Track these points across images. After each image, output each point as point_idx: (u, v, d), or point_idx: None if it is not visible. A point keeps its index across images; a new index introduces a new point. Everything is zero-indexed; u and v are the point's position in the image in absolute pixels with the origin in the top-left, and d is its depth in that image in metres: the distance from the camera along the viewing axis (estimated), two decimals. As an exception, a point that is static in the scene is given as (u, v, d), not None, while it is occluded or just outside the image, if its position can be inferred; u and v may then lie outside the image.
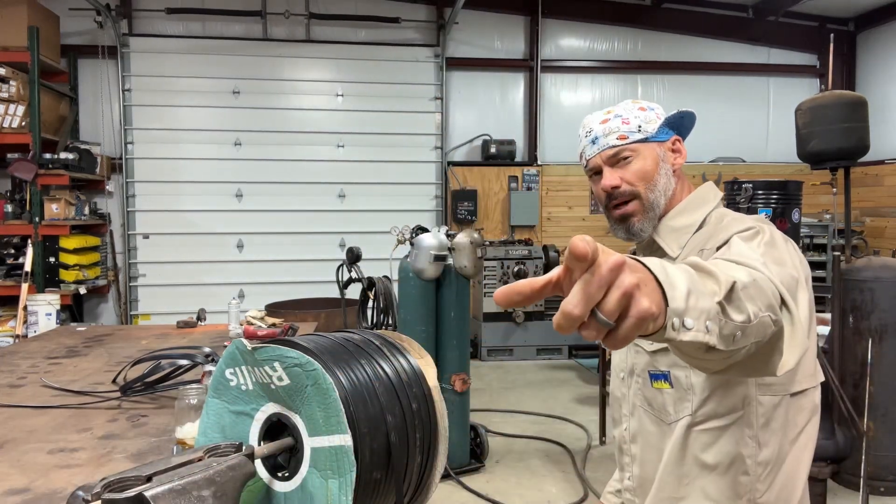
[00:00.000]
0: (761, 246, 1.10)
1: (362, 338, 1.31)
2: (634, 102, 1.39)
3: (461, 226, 7.21)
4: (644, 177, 1.33)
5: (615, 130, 1.34)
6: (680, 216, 1.36)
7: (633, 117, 1.35)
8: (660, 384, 1.31)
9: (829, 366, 3.40)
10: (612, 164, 1.35)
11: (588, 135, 1.38)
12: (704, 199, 1.37)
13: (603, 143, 1.35)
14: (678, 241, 1.34)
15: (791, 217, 3.35)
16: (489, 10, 7.64)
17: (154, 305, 7.04)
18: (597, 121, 1.37)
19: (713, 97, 8.11)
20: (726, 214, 1.32)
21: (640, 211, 1.34)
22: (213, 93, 7.04)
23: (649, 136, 1.34)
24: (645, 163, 1.33)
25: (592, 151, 1.36)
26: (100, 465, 1.48)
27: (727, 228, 1.24)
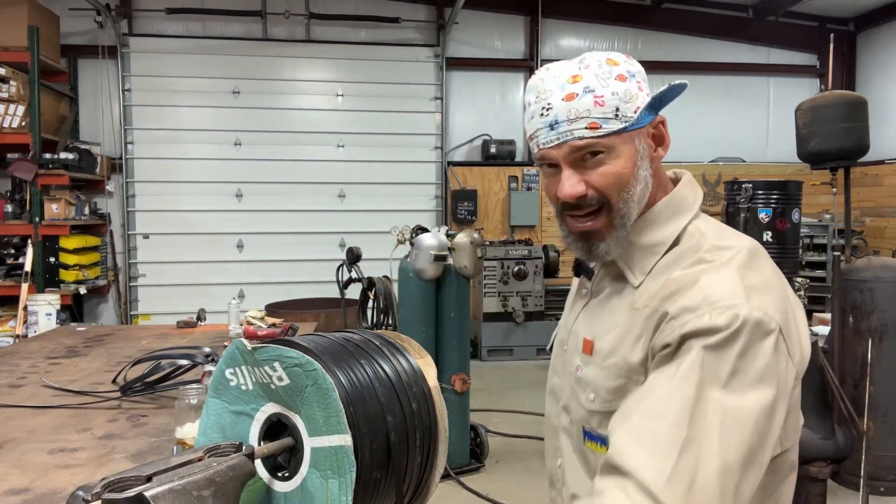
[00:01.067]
0: (710, 412, 0.83)
1: (362, 338, 1.31)
2: (610, 63, 0.99)
3: (461, 226, 7.20)
4: (618, 183, 0.99)
5: (584, 115, 0.96)
6: (649, 230, 1.04)
7: (611, 94, 0.96)
8: (595, 447, 1.04)
9: (829, 366, 3.40)
10: (575, 161, 0.99)
11: (545, 112, 0.99)
12: (680, 208, 1.05)
13: (566, 132, 0.97)
14: (643, 264, 1.03)
15: (791, 217, 3.35)
16: (489, 10, 7.64)
17: (154, 305, 7.04)
18: (558, 90, 0.98)
19: (713, 97, 8.11)
20: (703, 237, 1.01)
21: (607, 227, 1.02)
22: (213, 93, 7.04)
23: (629, 123, 0.97)
24: (621, 164, 0.99)
25: (549, 139, 0.99)
26: (100, 465, 1.48)
27: (692, 289, 0.92)
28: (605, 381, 1.01)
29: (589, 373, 1.05)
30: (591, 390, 1.03)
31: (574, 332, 1.13)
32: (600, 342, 1.04)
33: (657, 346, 0.93)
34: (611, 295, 1.08)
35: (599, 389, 1.02)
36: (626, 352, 0.98)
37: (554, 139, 0.99)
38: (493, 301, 6.90)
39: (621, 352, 0.99)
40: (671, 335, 0.90)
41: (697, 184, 1.10)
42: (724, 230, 1.04)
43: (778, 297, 0.93)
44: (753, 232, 3.36)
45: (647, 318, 0.97)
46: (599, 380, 1.02)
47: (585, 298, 1.14)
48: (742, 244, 0.99)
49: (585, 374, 1.06)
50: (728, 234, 1.03)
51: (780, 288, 0.96)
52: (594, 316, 1.09)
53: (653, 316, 0.95)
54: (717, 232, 1.02)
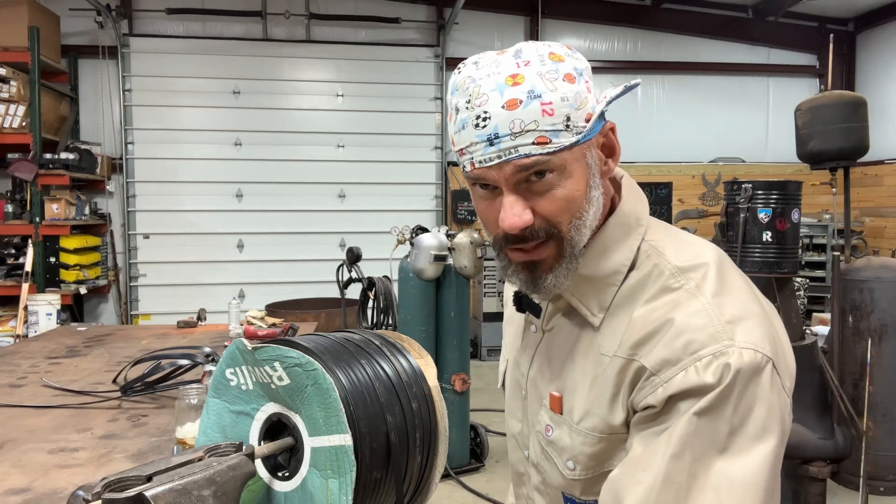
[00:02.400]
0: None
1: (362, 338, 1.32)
2: (554, 59, 0.80)
3: (461, 226, 7.20)
4: (570, 209, 0.83)
5: (531, 127, 0.78)
6: (602, 258, 0.88)
7: (560, 99, 0.78)
8: None
9: (828, 366, 3.41)
10: (518, 183, 0.82)
11: (481, 122, 0.79)
12: (630, 226, 0.90)
13: (509, 149, 0.79)
14: (599, 298, 0.88)
15: (791, 217, 3.35)
16: (489, 10, 7.64)
17: (154, 305, 7.04)
18: (496, 94, 0.79)
19: (713, 97, 8.11)
20: (662, 257, 0.87)
21: (555, 258, 0.85)
22: (213, 93, 7.04)
23: (581, 136, 0.81)
24: (572, 185, 0.82)
25: (487, 157, 0.80)
26: (100, 464, 1.48)
27: (668, 335, 0.80)
28: (584, 448, 0.89)
29: (563, 437, 0.92)
30: (568, 458, 0.92)
31: (532, 379, 1.00)
32: (570, 399, 0.91)
33: (637, 404, 0.82)
34: (568, 336, 0.94)
35: (579, 457, 0.90)
36: (604, 413, 0.86)
37: (494, 157, 0.80)
38: (493, 301, 6.90)
39: (599, 413, 0.87)
40: (654, 396, 0.79)
41: (638, 187, 0.95)
42: (681, 242, 0.90)
43: (760, 320, 0.82)
44: (753, 232, 3.36)
45: (620, 370, 0.84)
46: (578, 446, 0.90)
47: (536, 336, 1.00)
48: (705, 258, 0.86)
49: (559, 438, 0.93)
50: (686, 245, 0.89)
51: (757, 304, 0.85)
52: (553, 362, 0.96)
53: (627, 368, 0.83)
54: (675, 246, 0.89)
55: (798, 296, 6.32)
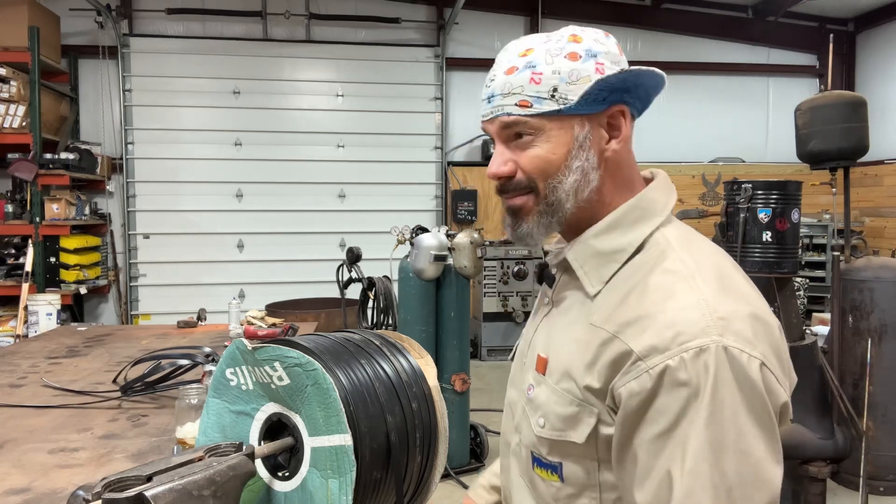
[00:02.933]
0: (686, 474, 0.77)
1: (362, 338, 1.32)
2: (573, 40, 0.91)
3: (461, 226, 7.18)
4: (545, 169, 0.92)
5: (517, 91, 0.90)
6: (608, 234, 0.94)
7: (552, 72, 0.88)
8: (546, 474, 0.96)
9: (828, 366, 3.41)
10: (508, 138, 0.94)
11: (488, 84, 0.94)
12: (647, 212, 0.94)
13: (497, 107, 0.92)
14: (600, 272, 0.93)
15: (790, 217, 3.35)
16: (489, 10, 7.64)
17: (154, 305, 7.04)
18: (505, 62, 0.93)
19: (713, 97, 8.11)
20: (669, 246, 0.90)
21: (531, 209, 0.95)
22: (213, 93, 7.04)
23: (566, 106, 0.89)
24: (549, 149, 0.91)
25: (484, 112, 0.95)
26: (100, 464, 1.48)
27: (659, 320, 0.81)
28: (556, 407, 0.92)
29: (541, 394, 0.95)
30: (540, 415, 0.94)
31: (532, 345, 1.04)
32: (554, 361, 0.95)
33: (620, 387, 0.83)
34: (571, 306, 0.98)
35: (549, 415, 0.93)
36: (578, 377, 0.89)
37: (488, 113, 0.94)
38: (493, 301, 6.90)
39: (574, 377, 0.89)
40: (639, 382, 0.81)
41: (672, 185, 1.00)
42: (693, 241, 0.93)
43: (754, 320, 0.83)
44: (753, 232, 3.36)
45: (602, 342, 0.86)
46: (550, 404, 0.93)
47: (547, 308, 1.05)
48: (713, 258, 0.90)
49: (537, 396, 0.96)
50: (698, 244, 0.93)
51: (755, 305, 0.86)
52: (552, 329, 1.00)
53: (610, 344, 0.85)
54: (688, 243, 0.92)
55: (798, 296, 6.32)
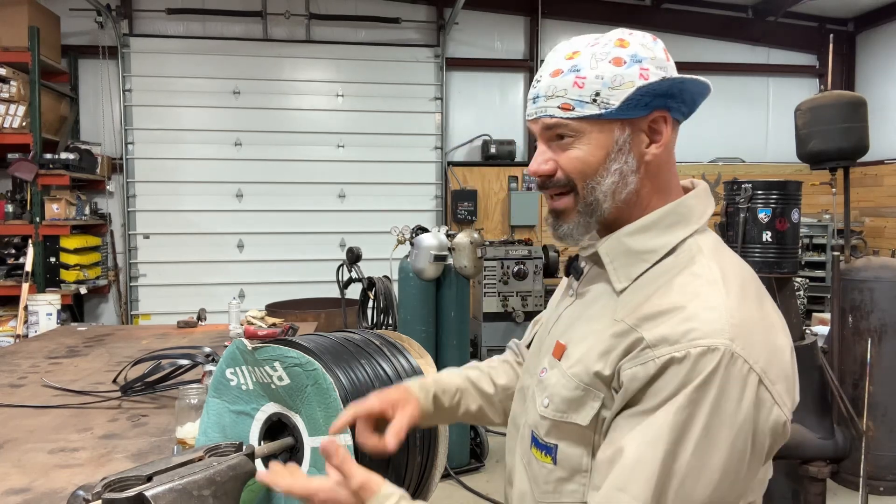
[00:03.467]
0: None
1: (362, 338, 1.32)
2: (619, 44, 0.93)
3: (461, 226, 7.21)
4: (584, 170, 0.95)
5: (560, 94, 0.93)
6: (642, 234, 0.96)
7: (595, 77, 0.91)
8: (540, 455, 0.98)
9: (828, 366, 3.41)
10: (550, 138, 0.98)
11: (535, 84, 0.98)
12: (684, 217, 0.97)
13: (541, 108, 0.95)
14: (629, 269, 0.95)
15: (790, 217, 3.35)
16: (489, 11, 7.64)
17: (154, 305, 7.04)
18: (552, 64, 0.96)
19: (713, 97, 7.90)
20: (700, 253, 0.93)
21: (571, 210, 0.99)
22: (213, 93, 7.04)
23: (607, 111, 0.92)
24: (588, 151, 0.94)
25: (529, 112, 0.99)
26: (100, 464, 1.48)
27: (677, 317, 0.85)
28: (562, 390, 0.95)
29: (551, 377, 0.98)
30: (546, 395, 0.97)
31: (552, 333, 1.07)
32: (572, 348, 0.98)
33: (625, 370, 0.87)
34: (595, 300, 1.01)
35: (555, 396, 0.96)
36: (590, 363, 0.92)
37: (532, 113, 0.98)
38: (493, 301, 6.89)
39: (586, 363, 0.93)
40: (644, 368, 0.84)
41: (712, 197, 1.02)
42: (725, 251, 0.97)
43: (768, 334, 0.88)
44: (753, 232, 3.36)
45: (620, 333, 0.90)
46: (558, 387, 0.96)
47: (571, 299, 1.07)
48: (739, 269, 0.94)
49: (548, 378, 0.99)
50: (729, 255, 0.97)
51: (771, 320, 0.91)
52: (574, 320, 1.03)
53: (627, 335, 0.89)
54: (718, 251, 0.95)
55: (798, 296, 6.32)
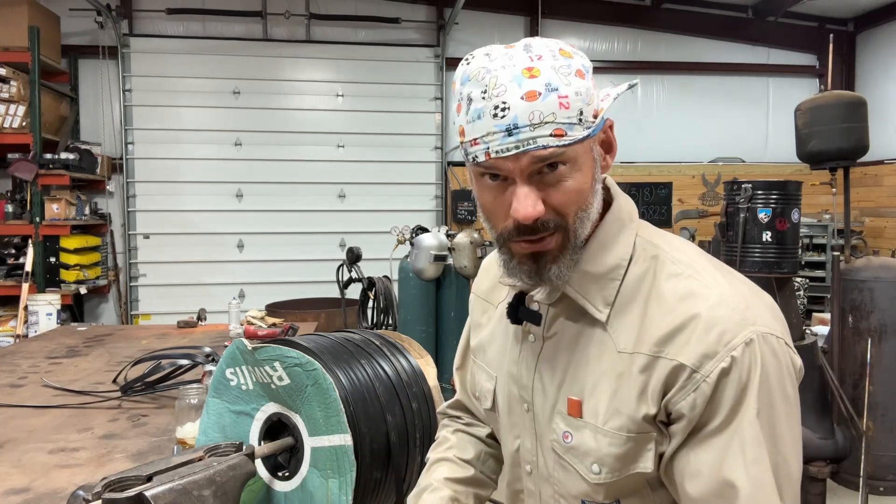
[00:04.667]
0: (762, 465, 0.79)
1: (362, 338, 1.32)
2: (564, 55, 0.83)
3: (461, 226, 7.20)
4: (578, 201, 0.85)
5: (549, 119, 0.80)
6: (599, 256, 0.90)
7: (574, 94, 0.81)
8: None
9: (828, 365, 3.41)
10: (532, 175, 0.83)
11: (499, 112, 0.80)
12: (624, 221, 0.93)
13: (528, 140, 0.80)
14: (603, 294, 0.89)
15: (790, 217, 3.35)
16: (489, 10, 7.64)
17: (154, 305, 7.04)
18: (513, 85, 0.80)
19: (713, 97, 8.11)
20: (656, 247, 0.91)
21: (560, 249, 0.86)
22: (213, 93, 7.04)
23: (591, 130, 0.84)
24: (581, 178, 0.85)
25: (504, 147, 0.80)
26: (100, 464, 1.48)
27: (698, 329, 0.82)
28: (611, 449, 0.88)
29: (586, 441, 0.90)
30: (593, 461, 0.89)
31: (538, 390, 0.97)
32: (591, 402, 0.89)
33: (678, 402, 0.83)
34: (574, 338, 0.92)
35: (605, 459, 0.88)
36: (631, 411, 0.86)
37: (512, 147, 0.80)
38: (493, 301, 6.90)
39: (626, 412, 0.86)
40: (700, 392, 0.81)
41: (614, 184, 0.98)
42: (664, 234, 0.95)
43: (761, 301, 0.88)
44: (753, 232, 3.36)
45: (645, 366, 0.85)
46: (604, 448, 0.88)
47: (536, 345, 0.98)
48: (693, 249, 0.93)
49: (581, 443, 0.90)
50: (673, 239, 0.95)
51: (750, 284, 0.91)
52: (560, 368, 0.94)
53: (654, 365, 0.84)
54: (666, 240, 0.93)
55: (798, 296, 6.32)
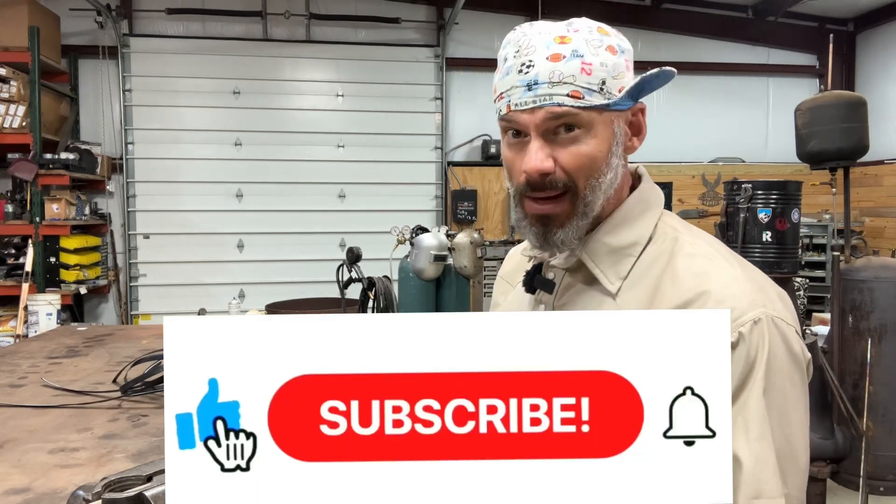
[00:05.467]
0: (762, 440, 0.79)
1: (362, 338, 1.31)
2: (601, 32, 0.90)
3: (461, 226, 7.20)
4: (589, 166, 0.88)
5: (569, 80, 0.84)
6: (619, 230, 0.92)
7: (600, 64, 0.85)
8: None
9: (828, 365, 3.41)
10: (547, 132, 0.87)
11: (524, 69, 0.85)
12: (650, 203, 0.96)
13: (544, 95, 0.84)
14: (617, 268, 0.91)
15: (790, 217, 3.35)
16: (489, 10, 7.64)
17: (154, 305, 7.04)
18: (543, 47, 0.85)
19: (713, 97, 8.11)
20: (677, 231, 0.94)
21: (568, 214, 0.89)
22: (213, 93, 7.04)
23: (612, 101, 0.86)
24: (595, 145, 0.87)
25: (523, 100, 0.85)
26: (100, 464, 1.48)
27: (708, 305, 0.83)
28: None
29: None
30: None
31: None
32: None
33: None
34: (584, 308, 0.94)
35: None
36: None
37: (530, 101, 0.85)
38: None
39: None
40: None
41: (649, 177, 1.02)
42: (691, 226, 0.98)
43: (775, 290, 0.89)
44: (753, 232, 3.36)
45: None
46: None
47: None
48: (711, 237, 0.95)
49: None
50: (696, 229, 0.97)
51: (768, 278, 0.92)
52: None
53: None
54: (688, 227, 0.96)
55: (798, 296, 6.32)
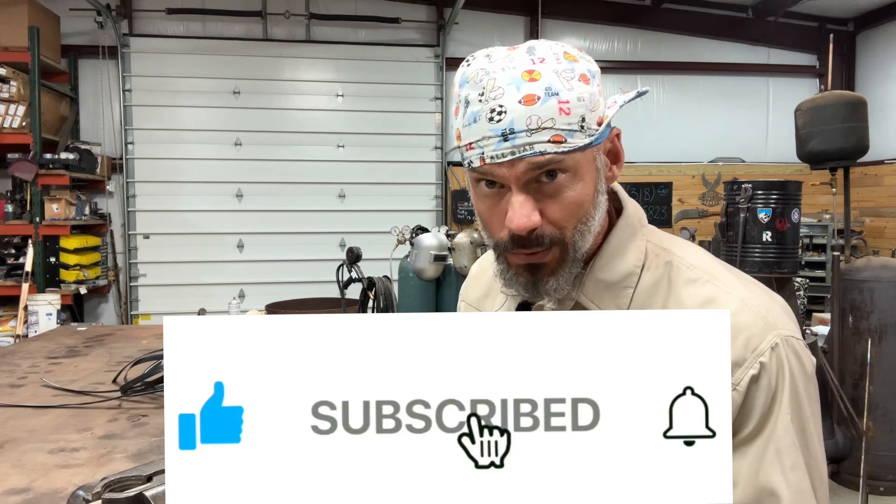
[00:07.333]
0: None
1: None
2: (569, 58, 0.78)
3: (461, 226, 7.20)
4: (578, 214, 0.81)
5: (548, 124, 0.75)
6: (612, 264, 0.87)
7: (576, 99, 0.76)
8: None
9: (828, 366, 3.41)
10: (528, 183, 0.78)
11: (495, 116, 0.76)
12: (634, 227, 0.90)
13: (524, 145, 0.76)
14: (617, 302, 0.86)
15: (790, 217, 3.35)
16: (489, 10, 7.64)
17: (154, 305, 7.04)
18: (512, 88, 0.75)
19: (713, 97, 8.11)
20: (668, 252, 0.88)
21: (558, 262, 0.82)
22: (213, 93, 7.04)
23: (594, 138, 0.79)
24: (582, 189, 0.80)
25: (499, 152, 0.77)
26: (100, 464, 1.48)
27: None
28: None
29: None
30: None
31: None
32: None
33: None
34: None
35: None
36: None
37: (507, 153, 0.76)
38: (493, 301, 6.90)
39: None
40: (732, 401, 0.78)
41: (622, 189, 0.96)
42: (674, 239, 0.93)
43: (779, 304, 0.86)
44: (753, 232, 3.36)
45: None
46: None
47: None
48: (703, 253, 0.91)
49: None
50: (680, 242, 0.93)
51: (765, 288, 0.89)
52: None
53: None
54: (671, 242, 0.91)
55: (798, 296, 6.32)
